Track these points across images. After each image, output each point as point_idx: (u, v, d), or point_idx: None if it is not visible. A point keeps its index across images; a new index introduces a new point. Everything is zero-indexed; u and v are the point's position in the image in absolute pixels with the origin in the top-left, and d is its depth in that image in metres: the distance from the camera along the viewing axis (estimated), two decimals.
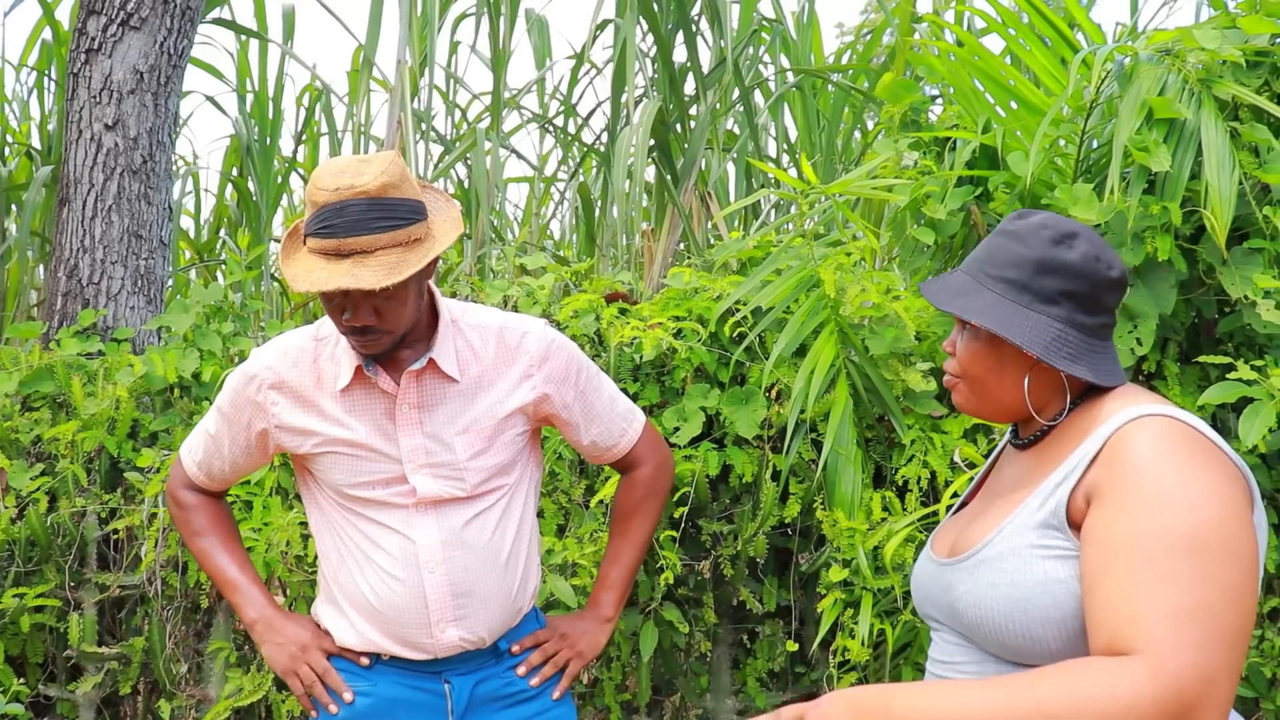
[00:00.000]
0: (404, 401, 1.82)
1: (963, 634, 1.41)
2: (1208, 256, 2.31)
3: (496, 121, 4.36)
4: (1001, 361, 1.42)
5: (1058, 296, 1.38)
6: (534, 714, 1.92)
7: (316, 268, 1.68)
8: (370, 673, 1.87)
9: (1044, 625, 1.29)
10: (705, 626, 2.64)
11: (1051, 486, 1.34)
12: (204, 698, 2.74)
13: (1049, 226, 1.40)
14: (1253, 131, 2.25)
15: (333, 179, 1.68)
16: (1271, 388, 2.13)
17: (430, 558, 1.81)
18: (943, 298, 1.42)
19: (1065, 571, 1.29)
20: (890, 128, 2.84)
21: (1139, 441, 1.28)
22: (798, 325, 2.40)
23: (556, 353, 1.91)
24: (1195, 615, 1.16)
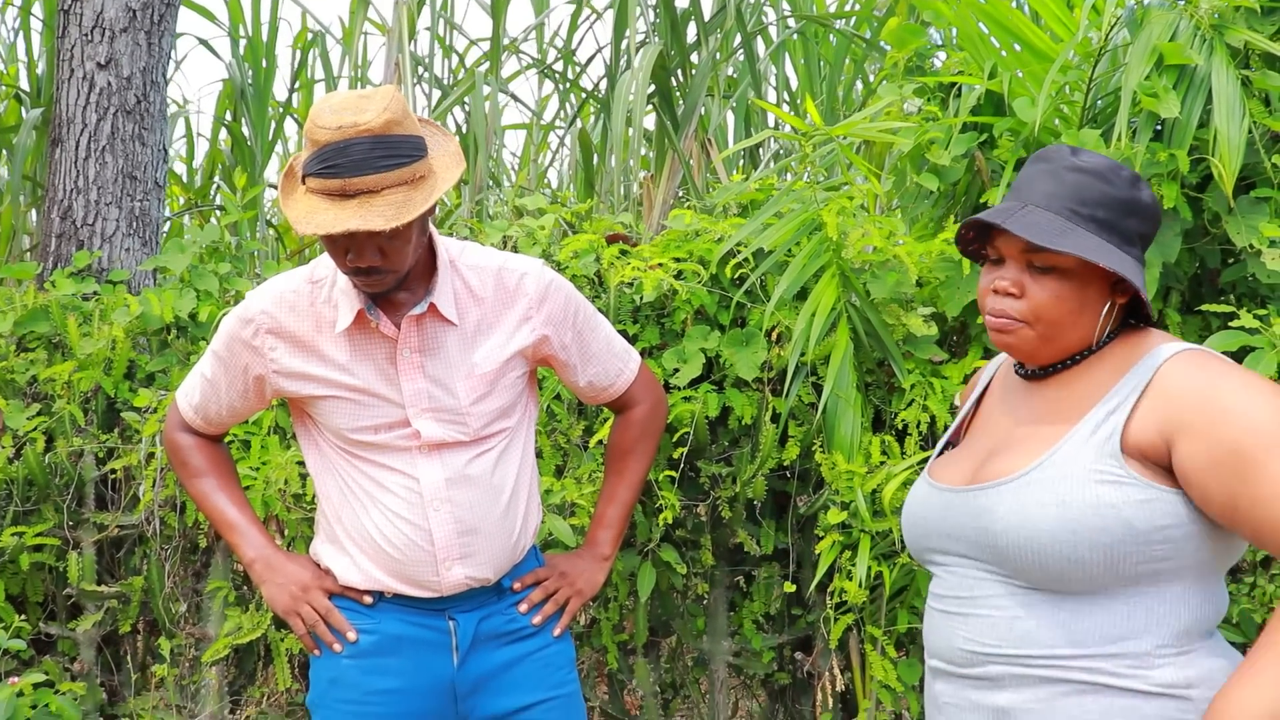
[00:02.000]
0: (405, 346, 1.81)
1: (988, 563, 1.40)
2: (1214, 205, 2.30)
3: (495, 66, 4.32)
4: (1084, 302, 1.40)
5: (1136, 238, 1.41)
6: (534, 650, 1.93)
7: (320, 209, 1.65)
8: (374, 611, 1.88)
9: (1091, 548, 1.31)
10: (702, 568, 2.65)
11: (1103, 414, 1.37)
12: (203, 636, 2.75)
13: (1123, 168, 1.41)
14: (1264, 79, 2.24)
15: (334, 117, 1.63)
16: (1273, 336, 2.13)
17: (435, 496, 1.80)
18: (1046, 236, 1.36)
19: (1117, 496, 1.32)
20: (895, 74, 2.82)
21: (1192, 374, 1.34)
22: (799, 268, 2.39)
23: (555, 293, 1.90)
24: None
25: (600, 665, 2.79)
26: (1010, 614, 1.37)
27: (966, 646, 1.41)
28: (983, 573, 1.41)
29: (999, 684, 1.37)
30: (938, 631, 1.47)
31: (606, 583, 2.36)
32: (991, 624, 1.38)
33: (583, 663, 2.81)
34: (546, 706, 1.92)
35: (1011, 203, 1.42)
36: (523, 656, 1.92)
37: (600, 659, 2.74)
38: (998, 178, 2.48)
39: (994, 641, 1.38)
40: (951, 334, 2.58)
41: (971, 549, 1.42)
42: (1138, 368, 1.38)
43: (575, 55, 5.20)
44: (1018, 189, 1.43)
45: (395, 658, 1.87)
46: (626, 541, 2.58)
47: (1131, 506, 1.31)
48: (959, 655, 1.42)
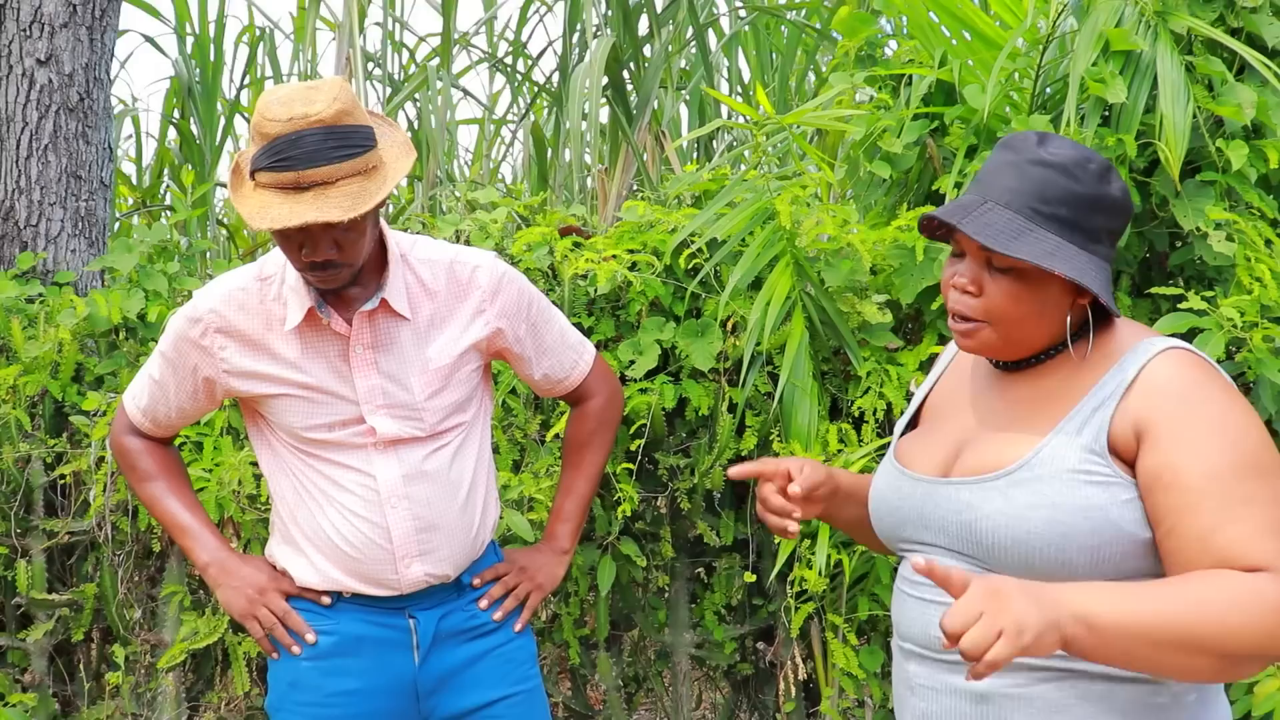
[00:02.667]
0: (358, 342, 1.78)
1: (969, 555, 1.39)
2: (1161, 189, 2.32)
3: (446, 61, 4.29)
4: (1043, 304, 1.36)
5: (1103, 234, 1.36)
6: (495, 646, 1.92)
7: (274, 203, 1.62)
8: (332, 612, 1.85)
9: (1080, 550, 1.30)
10: (662, 561, 2.65)
11: (1088, 411, 1.34)
12: (159, 642, 2.71)
13: (1092, 160, 1.36)
14: (1207, 64, 2.26)
15: (283, 108, 1.61)
16: (1221, 318, 2.15)
17: (392, 493, 1.78)
18: (1000, 240, 1.32)
19: (1104, 498, 1.31)
20: (846, 63, 2.82)
21: (1176, 378, 1.32)
22: (753, 257, 2.39)
23: (508, 286, 1.89)
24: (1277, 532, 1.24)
25: (562, 661, 2.78)
26: None
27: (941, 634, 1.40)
28: (960, 561, 1.40)
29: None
30: (911, 616, 1.45)
31: (566, 577, 2.35)
32: None
33: (545, 658, 2.80)
34: (509, 702, 1.91)
35: (973, 197, 1.37)
36: (484, 653, 1.91)
37: (562, 654, 2.73)
38: (949, 165, 2.49)
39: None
40: (906, 321, 2.59)
41: (952, 541, 1.40)
42: (1123, 362, 1.35)
43: (526, 49, 5.17)
44: (981, 180, 1.39)
45: (355, 658, 1.85)
46: (586, 535, 2.57)
47: (1118, 507, 1.30)
48: (936, 642, 1.40)
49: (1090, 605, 1.17)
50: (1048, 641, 1.14)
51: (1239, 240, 2.22)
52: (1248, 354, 2.14)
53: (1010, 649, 1.10)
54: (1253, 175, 2.24)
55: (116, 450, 1.98)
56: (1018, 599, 1.13)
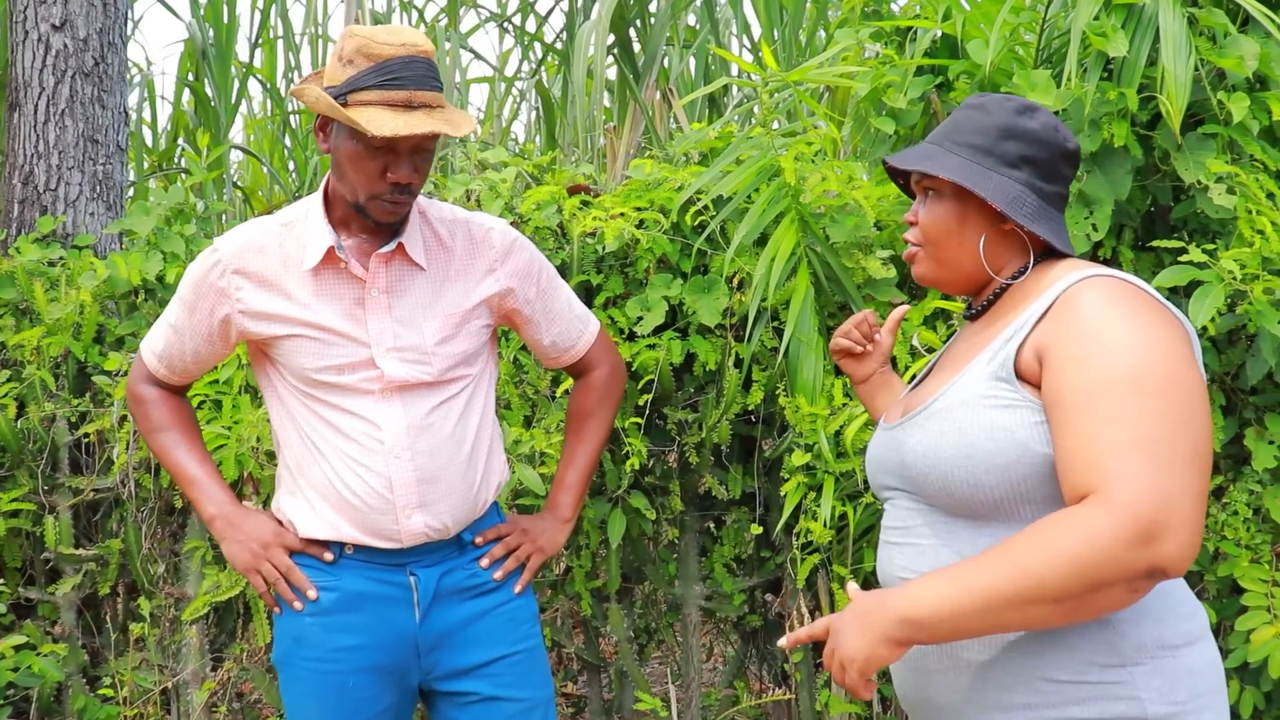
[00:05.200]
0: (373, 286, 1.84)
1: (913, 493, 1.46)
2: (1163, 142, 2.33)
3: (454, 19, 4.29)
4: (963, 223, 1.49)
5: (1019, 161, 1.46)
6: (497, 605, 1.95)
7: (388, 116, 1.70)
8: (334, 568, 1.89)
9: (988, 471, 1.35)
10: (672, 514, 2.70)
11: (1001, 342, 1.41)
12: (182, 595, 2.78)
13: (1012, 99, 1.48)
14: (1210, 16, 2.26)
15: (395, 36, 1.74)
16: (1221, 270, 2.17)
17: (396, 443, 1.82)
18: (908, 160, 1.49)
19: (1010, 419, 1.35)
20: (852, 18, 2.83)
21: (1084, 299, 1.35)
22: (758, 214, 2.42)
23: (519, 249, 1.96)
24: (1141, 446, 1.22)
25: (575, 613, 2.84)
26: (935, 542, 1.42)
27: (901, 575, 1.46)
28: (911, 503, 1.47)
29: None
30: (881, 561, 1.53)
31: (568, 544, 2.40)
32: (919, 552, 1.43)
33: (557, 610, 2.86)
34: (509, 661, 1.94)
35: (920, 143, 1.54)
36: (485, 611, 1.94)
37: (574, 607, 2.79)
38: None
39: (922, 568, 1.42)
40: (910, 276, 2.62)
41: (900, 481, 1.49)
42: (1044, 295, 1.41)
43: (534, 7, 5.16)
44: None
45: (357, 614, 1.88)
46: (596, 489, 2.62)
47: (1026, 429, 1.33)
48: (896, 583, 1.46)
49: (911, 605, 1.26)
50: (882, 654, 1.27)
51: (1240, 193, 2.23)
52: (1248, 306, 2.16)
53: (854, 678, 1.29)
54: (1255, 128, 2.25)
55: (131, 400, 2.01)
56: (846, 633, 1.29)
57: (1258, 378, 2.30)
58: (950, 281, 1.54)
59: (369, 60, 1.71)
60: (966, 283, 1.53)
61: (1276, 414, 2.36)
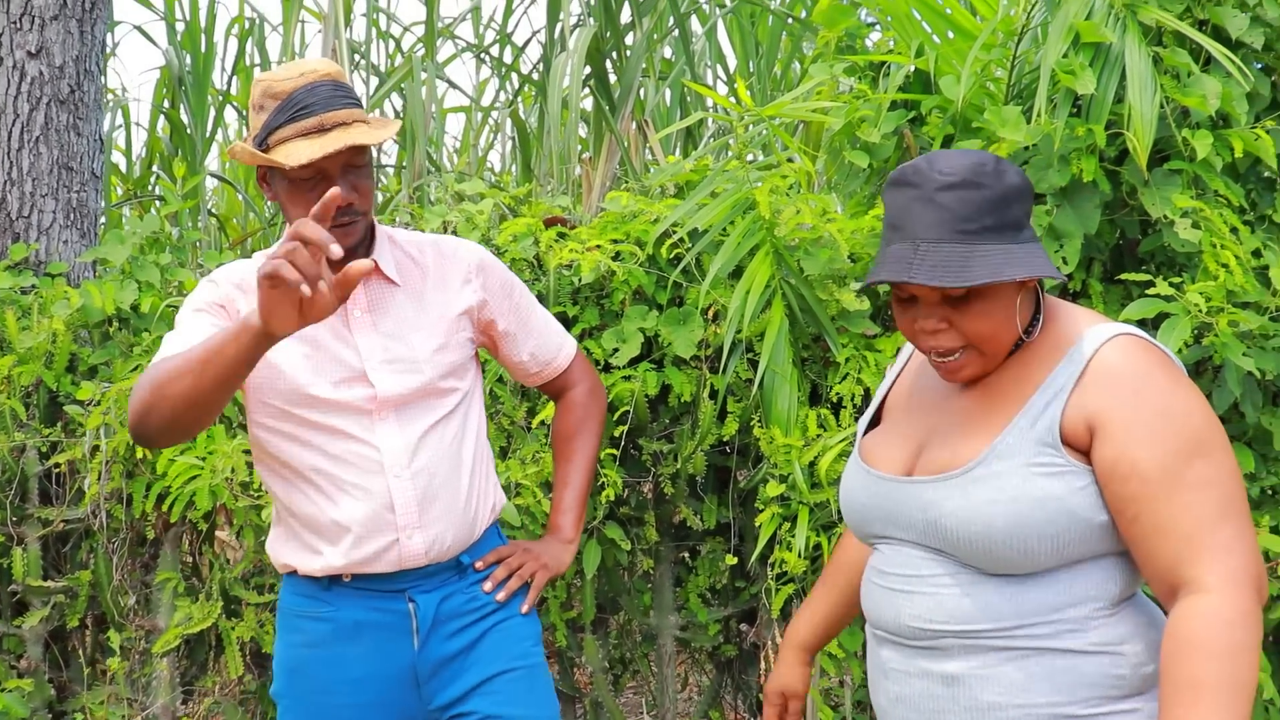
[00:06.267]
0: (355, 307, 1.84)
1: (933, 547, 1.44)
2: (1130, 178, 2.37)
3: (431, 51, 4.32)
4: (1009, 307, 1.41)
5: (1023, 220, 1.41)
6: (496, 623, 1.92)
7: (304, 146, 1.70)
8: (331, 597, 1.86)
9: (1039, 540, 1.37)
10: (647, 545, 2.70)
11: (1041, 405, 1.40)
12: (153, 628, 2.76)
13: (983, 161, 1.40)
14: (1174, 56, 2.31)
15: (293, 70, 1.75)
16: (1187, 303, 2.21)
17: (395, 462, 1.81)
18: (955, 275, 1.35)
19: (1060, 488, 1.37)
20: (826, 53, 2.87)
21: (1125, 365, 1.39)
22: (733, 246, 2.44)
23: (491, 265, 1.98)
24: (1228, 511, 1.34)
25: (550, 644, 2.84)
26: (957, 592, 1.41)
27: (914, 623, 1.43)
28: (926, 554, 1.45)
29: (948, 654, 1.42)
30: (882, 606, 1.48)
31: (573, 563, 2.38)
32: (939, 602, 1.42)
33: None
34: (509, 677, 1.90)
35: (902, 246, 1.39)
36: (484, 633, 1.91)
37: (549, 637, 2.79)
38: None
39: (942, 619, 1.41)
40: (884, 308, 2.65)
41: (918, 536, 1.45)
42: (1072, 354, 1.40)
43: (511, 38, 5.19)
44: (897, 225, 1.41)
45: (355, 645, 1.85)
46: None
47: (1074, 495, 1.36)
48: (907, 630, 1.45)
49: None
50: None
51: (1205, 227, 2.27)
52: (1213, 338, 2.20)
53: None
54: (1218, 164, 2.29)
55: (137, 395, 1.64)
56: None
57: (1224, 408, 2.33)
58: (995, 366, 1.46)
59: (274, 99, 1.74)
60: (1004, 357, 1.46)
61: (1242, 444, 2.39)
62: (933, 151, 1.46)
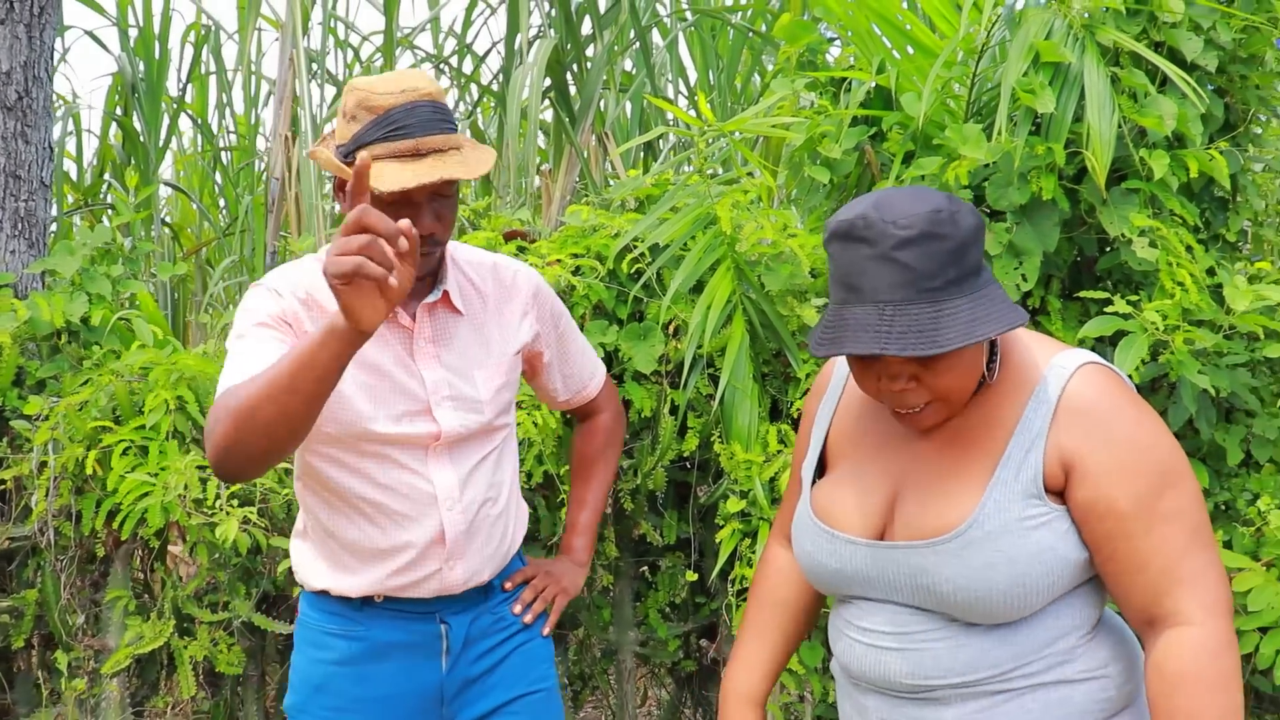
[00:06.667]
0: (420, 336, 1.79)
1: (926, 608, 1.41)
2: (1089, 196, 2.39)
3: (390, 60, 4.28)
4: (974, 357, 1.38)
5: (980, 261, 1.36)
6: (517, 646, 1.94)
7: (395, 169, 1.63)
8: (363, 617, 1.84)
9: (1038, 592, 1.37)
10: (607, 560, 2.68)
11: (1021, 455, 1.38)
12: (102, 647, 2.69)
13: (938, 207, 1.31)
14: (1131, 76, 2.33)
15: (394, 84, 1.67)
16: (1145, 321, 2.23)
17: (449, 496, 1.79)
18: (927, 342, 1.28)
19: (1051, 537, 1.37)
20: (787, 68, 2.87)
21: (1094, 400, 1.38)
22: (694, 261, 2.43)
23: (544, 294, 1.95)
24: (1197, 540, 1.35)
25: None
26: (951, 645, 1.40)
27: (908, 680, 1.41)
28: (914, 611, 1.42)
29: (944, 703, 1.40)
30: (865, 662, 1.45)
31: None
32: (934, 657, 1.40)
33: None
34: (527, 701, 1.92)
35: (864, 311, 1.31)
36: (507, 654, 1.93)
37: None
38: (887, 170, 2.55)
39: (939, 673, 1.40)
40: None
41: (908, 598, 1.41)
42: (1039, 393, 1.39)
43: (471, 49, 5.16)
44: (852, 285, 1.32)
45: (384, 664, 1.84)
46: (531, 536, 2.60)
47: (1062, 541, 1.37)
48: (899, 686, 1.42)
49: None
50: None
51: (1161, 246, 2.30)
52: (1170, 356, 2.22)
53: None
54: (1174, 184, 2.32)
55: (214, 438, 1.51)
56: None
57: (1179, 425, 2.35)
58: (960, 412, 1.43)
59: (370, 113, 1.67)
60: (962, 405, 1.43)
61: (1197, 460, 2.42)
62: (877, 195, 1.34)
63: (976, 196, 2.41)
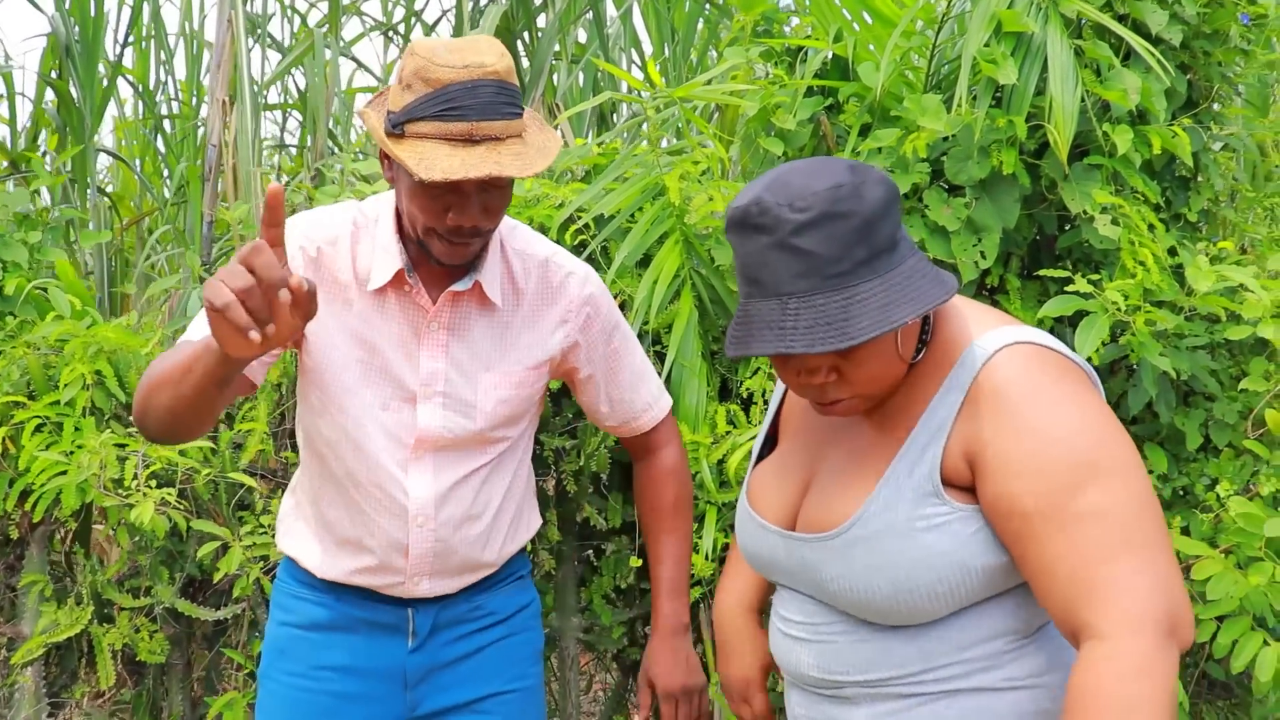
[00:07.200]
0: (436, 320, 1.66)
1: (825, 603, 1.36)
2: (1050, 172, 2.32)
3: (335, 27, 4.13)
4: (893, 346, 1.27)
5: (894, 235, 1.24)
6: (496, 639, 1.85)
7: (444, 154, 1.47)
8: (329, 586, 1.78)
9: (930, 599, 1.26)
10: (549, 544, 2.59)
11: (919, 449, 1.27)
12: (16, 635, 2.56)
13: (839, 181, 1.20)
14: (1095, 49, 2.26)
15: (457, 56, 1.49)
16: (1106, 301, 2.16)
17: (421, 511, 1.69)
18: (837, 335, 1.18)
19: (947, 542, 1.24)
20: (742, 37, 2.77)
21: (1007, 385, 1.23)
22: (641, 234, 2.33)
23: (598, 306, 1.80)
24: (1125, 542, 1.17)
25: None
26: (854, 640, 1.33)
27: (813, 673, 1.37)
28: (818, 605, 1.37)
29: (854, 702, 1.34)
30: (784, 651, 1.42)
31: None
32: (836, 651, 1.34)
33: None
34: (501, 699, 1.84)
35: (766, 304, 1.21)
36: (482, 647, 1.84)
37: None
38: (843, 143, 2.46)
39: (841, 668, 1.34)
40: None
41: (809, 590, 1.37)
42: (954, 375, 1.27)
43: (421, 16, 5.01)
44: (753, 278, 1.23)
45: (348, 634, 1.78)
46: None
47: (964, 546, 1.25)
48: (809, 679, 1.38)
49: None
50: None
51: (1124, 224, 2.23)
52: (1131, 338, 2.15)
53: None
54: (1137, 160, 2.25)
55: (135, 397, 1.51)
56: None
57: (1138, 408, 2.29)
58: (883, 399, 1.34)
59: (427, 85, 1.49)
60: (891, 391, 1.33)
61: (1155, 444, 2.36)
62: (772, 175, 1.23)
63: (935, 170, 2.32)
